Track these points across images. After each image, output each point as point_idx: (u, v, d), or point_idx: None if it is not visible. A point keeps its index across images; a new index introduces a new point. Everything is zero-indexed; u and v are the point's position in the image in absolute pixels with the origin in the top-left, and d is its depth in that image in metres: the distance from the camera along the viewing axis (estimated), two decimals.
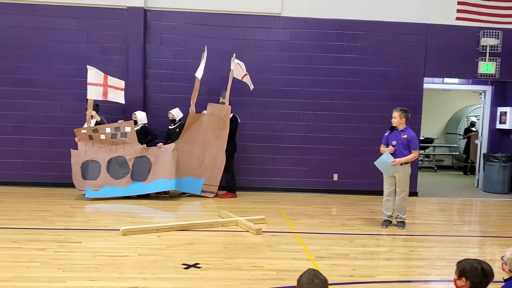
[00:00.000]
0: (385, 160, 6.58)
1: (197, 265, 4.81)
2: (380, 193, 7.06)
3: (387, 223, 6.85)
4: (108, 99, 8.25)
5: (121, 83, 8.29)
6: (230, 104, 8.49)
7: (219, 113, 8.42)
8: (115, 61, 9.01)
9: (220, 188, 8.73)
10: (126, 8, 8.88)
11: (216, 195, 8.61)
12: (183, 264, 4.84)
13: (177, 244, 5.59)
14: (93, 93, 8.04)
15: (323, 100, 9.38)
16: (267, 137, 9.36)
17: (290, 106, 9.37)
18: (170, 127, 8.72)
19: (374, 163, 6.72)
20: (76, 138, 8.10)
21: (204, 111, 8.52)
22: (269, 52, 9.27)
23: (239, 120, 8.80)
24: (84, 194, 8.05)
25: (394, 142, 6.57)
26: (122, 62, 8.99)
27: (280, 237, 6.12)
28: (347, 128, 9.45)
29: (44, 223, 6.42)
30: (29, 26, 8.84)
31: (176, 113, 8.70)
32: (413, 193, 9.14)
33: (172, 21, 9.09)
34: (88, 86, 8.03)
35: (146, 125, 8.63)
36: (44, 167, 8.99)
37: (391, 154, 6.56)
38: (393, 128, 6.70)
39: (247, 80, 8.69)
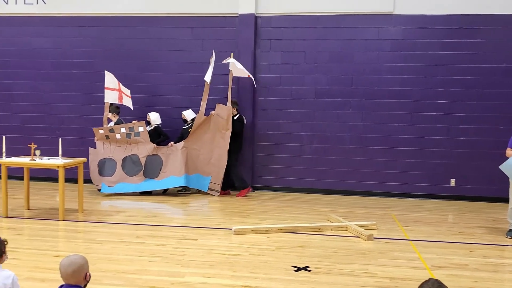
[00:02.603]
0: None
1: (308, 268, 4.80)
2: (503, 200, 6.50)
3: None
4: (123, 103, 8.83)
5: (128, 92, 8.91)
6: (236, 103, 8.83)
7: (223, 114, 8.59)
8: (227, 68, 9.32)
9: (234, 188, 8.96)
10: (238, 15, 9.18)
11: (224, 193, 8.85)
12: (294, 266, 4.86)
13: (286, 246, 5.63)
14: (110, 97, 8.67)
15: (439, 100, 8.86)
16: (378, 139, 9.07)
17: (402, 107, 8.99)
18: (183, 127, 9.06)
19: (500, 167, 6.17)
20: (95, 138, 8.65)
21: (212, 112, 8.73)
22: (380, 52, 8.99)
23: (245, 122, 8.91)
24: (100, 190, 8.60)
25: None
26: None
27: (393, 244, 5.88)
28: (466, 130, 8.83)
29: (164, 220, 6.85)
30: (151, 37, 9.51)
31: (188, 114, 9.02)
32: None
33: (281, 25, 9.22)
34: (105, 90, 8.64)
35: (159, 125, 9.04)
36: None
37: None
38: None
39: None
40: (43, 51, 9.82)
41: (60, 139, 7.28)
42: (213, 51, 8.79)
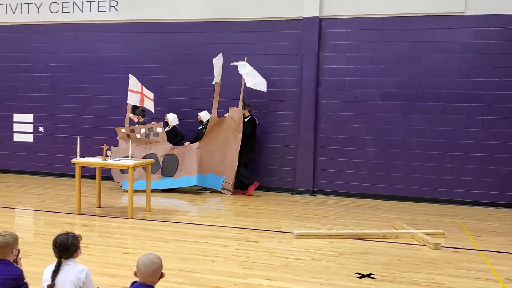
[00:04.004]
0: None
1: (371, 276, 4.71)
2: None
3: None
4: (144, 106, 9.11)
5: (152, 95, 9.17)
6: (249, 105, 9.00)
7: (235, 117, 8.82)
8: (290, 71, 9.38)
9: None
10: (302, 18, 9.18)
11: (242, 193, 9.03)
12: (357, 273, 4.78)
13: (349, 252, 5.55)
14: (132, 99, 9.00)
15: None
16: (445, 144, 8.73)
17: (473, 111, 8.60)
18: (199, 127, 9.34)
19: None
20: (118, 137, 9.07)
21: (226, 114, 8.93)
22: (449, 54, 8.66)
23: (257, 123, 9.04)
24: (121, 186, 9.05)
25: None
26: (297, 71, 9.31)
27: (462, 253, 5.64)
28: None
29: (226, 221, 6.97)
30: (216, 42, 9.70)
31: (203, 115, 9.26)
32: None
33: (346, 28, 9.11)
34: (129, 92, 8.93)
35: (177, 126, 9.36)
36: None
37: None
38: None
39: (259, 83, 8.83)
40: (114, 56, 10.31)
41: (130, 141, 7.65)
42: (220, 54, 8.99)
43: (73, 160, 7.20)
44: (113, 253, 5.26)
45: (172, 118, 9.42)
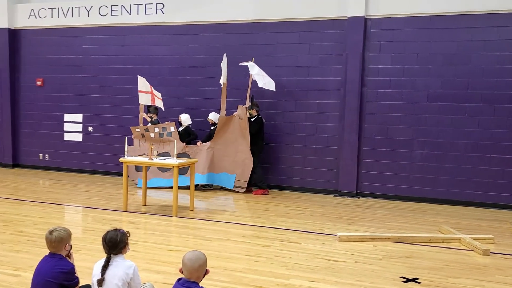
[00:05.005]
0: None
1: (417, 280, 4.60)
2: None
3: None
4: (155, 105, 9.35)
5: (160, 94, 9.35)
6: (257, 105, 9.23)
7: (242, 115, 9.06)
8: (333, 71, 9.29)
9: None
10: (346, 18, 9.08)
11: (250, 191, 9.21)
12: (402, 277, 4.69)
13: (394, 255, 5.44)
14: (143, 99, 9.17)
15: None
16: (496, 147, 8.42)
17: None
18: (211, 128, 9.64)
19: None
20: (132, 136, 9.35)
21: (235, 113, 9.16)
22: (501, 53, 8.34)
23: (264, 122, 9.25)
24: (136, 184, 9.48)
25: None
26: (341, 72, 9.21)
27: None
28: None
29: (268, 222, 6.98)
30: (258, 43, 9.75)
31: (213, 117, 9.56)
32: None
33: (392, 27, 8.94)
34: (139, 93, 9.11)
35: (190, 126, 9.70)
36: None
37: None
38: None
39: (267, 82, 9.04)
40: (161, 58, 10.53)
41: (175, 141, 7.81)
42: (224, 55, 9.13)
43: (121, 159, 7.43)
44: (158, 250, 5.38)
45: (185, 118, 9.77)
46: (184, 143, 9.43)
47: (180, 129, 9.71)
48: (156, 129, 9.27)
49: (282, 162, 9.72)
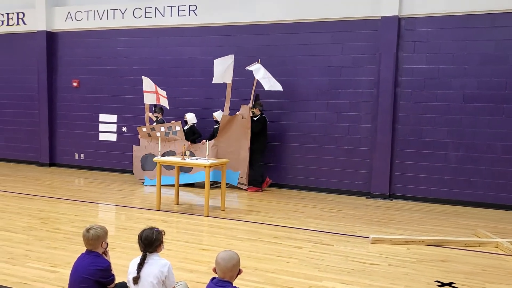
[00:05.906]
0: None
1: (452, 284, 4.50)
2: None
3: None
4: (160, 104, 9.66)
5: (164, 93, 9.64)
6: (261, 105, 9.34)
7: (245, 114, 9.15)
8: (366, 71, 9.17)
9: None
10: (380, 18, 8.96)
11: (256, 190, 9.35)
12: (437, 281, 4.59)
13: (428, 259, 5.34)
14: (149, 99, 9.50)
15: None
16: None
17: None
18: (215, 126, 9.78)
19: None
20: (139, 135, 9.64)
21: (238, 112, 9.27)
22: None
23: (267, 121, 9.35)
24: (143, 183, 9.65)
25: None
26: (374, 72, 9.09)
27: None
28: None
29: (299, 223, 6.95)
30: (290, 43, 9.72)
31: (217, 115, 9.69)
32: None
33: (426, 27, 8.76)
34: (144, 93, 9.44)
35: (195, 125, 9.89)
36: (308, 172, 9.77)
37: None
38: None
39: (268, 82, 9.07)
40: (193, 59, 10.63)
41: (207, 142, 7.90)
42: (231, 56, 9.23)
43: (155, 159, 7.55)
44: (190, 249, 5.43)
45: (191, 117, 9.97)
46: (189, 142, 9.57)
47: (186, 127, 9.88)
48: (162, 128, 9.49)
49: (313, 163, 9.65)
